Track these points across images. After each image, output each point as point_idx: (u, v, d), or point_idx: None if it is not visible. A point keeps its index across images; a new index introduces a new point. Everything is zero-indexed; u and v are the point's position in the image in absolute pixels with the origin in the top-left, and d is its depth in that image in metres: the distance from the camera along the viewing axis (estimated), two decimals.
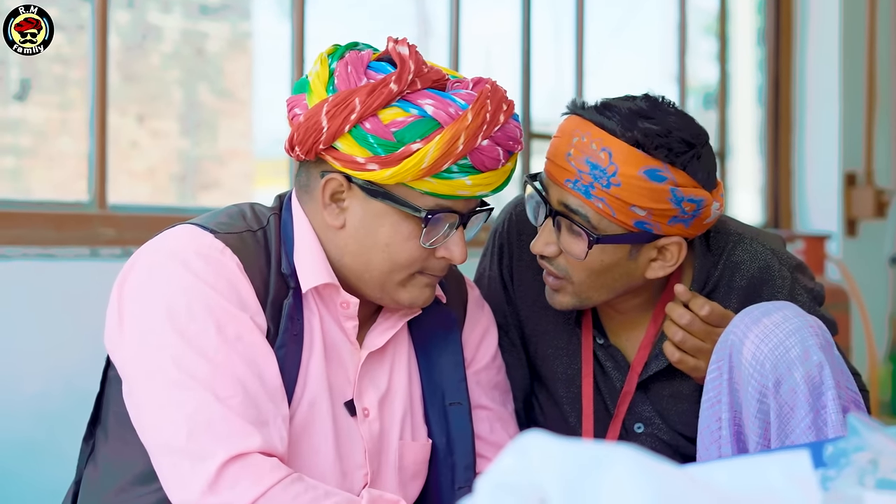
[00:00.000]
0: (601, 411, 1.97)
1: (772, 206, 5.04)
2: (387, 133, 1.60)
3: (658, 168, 1.74)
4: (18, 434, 2.44)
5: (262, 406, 1.56)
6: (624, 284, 1.86)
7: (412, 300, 1.72)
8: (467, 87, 1.67)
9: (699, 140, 1.79)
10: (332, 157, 1.63)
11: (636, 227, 1.77)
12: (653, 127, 1.75)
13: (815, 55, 4.98)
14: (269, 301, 1.64)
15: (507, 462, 0.96)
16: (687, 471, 1.05)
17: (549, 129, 4.20)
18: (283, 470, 1.54)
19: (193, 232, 1.64)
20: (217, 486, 1.50)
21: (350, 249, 1.68)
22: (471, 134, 1.61)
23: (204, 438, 1.52)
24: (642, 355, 1.93)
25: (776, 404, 1.69)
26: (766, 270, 1.90)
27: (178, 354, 1.55)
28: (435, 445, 1.79)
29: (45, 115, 3.33)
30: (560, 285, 1.86)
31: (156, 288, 1.60)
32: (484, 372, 1.89)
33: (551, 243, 1.82)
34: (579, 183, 1.76)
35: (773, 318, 1.71)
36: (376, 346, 1.75)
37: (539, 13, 4.14)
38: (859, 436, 1.13)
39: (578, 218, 1.78)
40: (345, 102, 1.60)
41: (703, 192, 1.78)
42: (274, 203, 1.77)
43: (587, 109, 1.80)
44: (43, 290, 2.52)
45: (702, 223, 1.81)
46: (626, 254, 1.81)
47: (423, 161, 1.59)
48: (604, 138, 1.75)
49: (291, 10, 3.30)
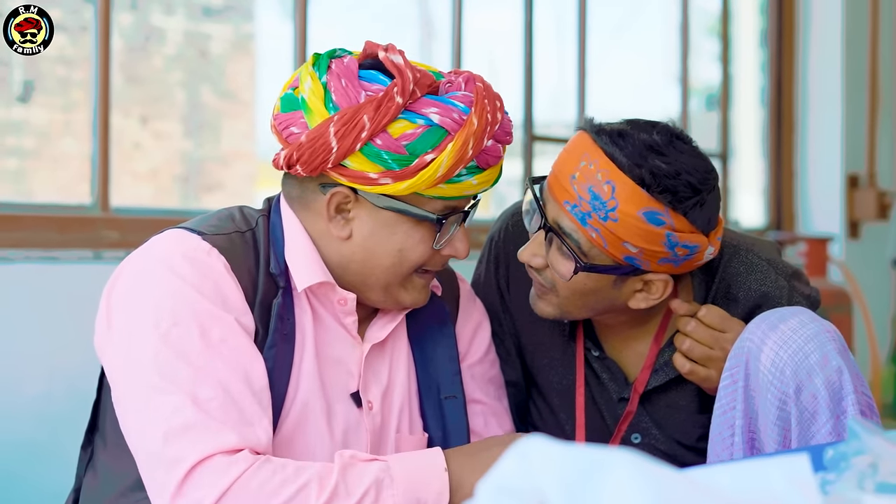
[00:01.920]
0: (597, 421, 1.97)
1: (774, 208, 5.04)
2: (399, 147, 1.60)
3: (658, 211, 1.72)
4: (21, 436, 2.44)
5: (246, 409, 1.56)
6: (605, 307, 1.86)
7: (415, 300, 1.75)
8: (460, 88, 1.68)
9: (706, 186, 1.76)
10: (339, 173, 1.63)
11: (625, 262, 1.76)
12: (662, 165, 1.72)
13: (817, 57, 4.98)
14: (258, 301, 1.64)
15: (507, 466, 0.96)
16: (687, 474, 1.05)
17: (550, 132, 4.21)
18: (250, 459, 1.52)
19: (180, 235, 1.65)
20: (183, 489, 1.50)
21: (357, 258, 1.69)
22: (478, 137, 1.63)
23: (179, 443, 1.52)
24: (644, 376, 1.93)
25: (797, 410, 1.68)
26: (763, 282, 1.90)
27: (160, 359, 1.55)
28: (431, 439, 1.80)
29: (48, 117, 3.34)
30: (544, 292, 1.86)
31: (142, 294, 1.60)
32: (478, 366, 1.89)
33: (539, 255, 1.82)
34: (577, 209, 1.75)
35: (789, 324, 1.70)
36: (378, 338, 1.76)
37: (541, 15, 4.14)
38: (859, 439, 1.14)
39: (570, 242, 1.77)
40: (353, 121, 1.59)
41: (699, 237, 1.76)
42: (263, 205, 1.78)
43: (601, 135, 1.76)
44: (46, 293, 2.53)
45: (692, 265, 1.81)
46: (611, 282, 1.81)
47: (439, 170, 1.61)
48: (610, 170, 1.73)
49: (294, 12, 3.30)
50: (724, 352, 1.81)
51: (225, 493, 1.49)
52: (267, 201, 1.78)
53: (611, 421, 1.97)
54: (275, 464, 1.53)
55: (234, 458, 1.51)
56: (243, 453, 1.53)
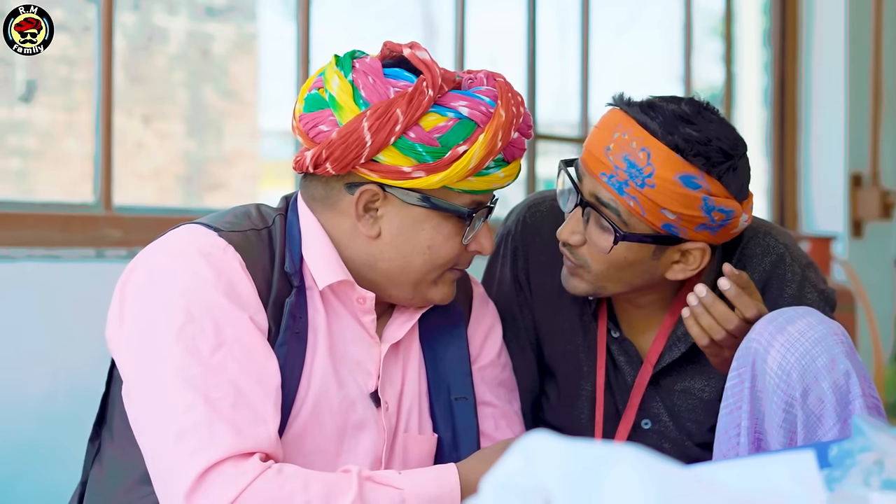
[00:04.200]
0: (610, 407, 1.98)
1: (777, 208, 5.03)
2: (432, 140, 1.62)
3: (694, 175, 1.75)
4: (24, 435, 2.44)
5: (257, 408, 1.56)
6: (642, 281, 1.87)
7: (443, 296, 1.76)
8: (482, 83, 1.70)
9: (737, 151, 1.80)
10: (370, 169, 1.64)
11: (663, 230, 1.78)
12: (694, 133, 1.76)
13: (820, 56, 4.97)
14: (272, 299, 1.64)
15: (511, 463, 0.96)
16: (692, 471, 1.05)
17: (553, 131, 4.21)
18: (259, 467, 1.52)
19: (197, 231, 1.65)
20: (194, 495, 1.50)
21: (386, 256, 1.70)
22: (506, 129, 1.65)
23: (189, 444, 1.51)
24: (657, 348, 1.94)
25: (803, 414, 1.68)
26: (777, 264, 1.91)
27: (173, 356, 1.55)
28: (440, 440, 1.80)
29: (50, 117, 3.34)
30: (576, 270, 1.86)
31: (157, 288, 1.60)
32: (489, 368, 1.89)
33: (577, 232, 1.84)
34: (614, 178, 1.77)
35: (797, 326, 1.70)
36: (396, 338, 1.76)
37: (544, 15, 4.14)
38: (864, 436, 1.13)
39: (609, 212, 1.79)
40: (386, 115, 1.61)
41: (734, 203, 1.79)
42: (280, 204, 1.77)
43: (632, 106, 1.81)
44: (48, 292, 2.52)
45: (728, 233, 1.83)
46: (650, 253, 1.82)
47: (471, 162, 1.63)
48: (644, 138, 1.76)
49: (297, 12, 3.30)
50: (729, 334, 1.78)
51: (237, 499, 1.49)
52: (284, 199, 1.78)
53: (623, 408, 1.97)
54: (285, 474, 1.53)
55: (243, 467, 1.51)
56: (253, 460, 1.52)
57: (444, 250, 1.70)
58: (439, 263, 1.71)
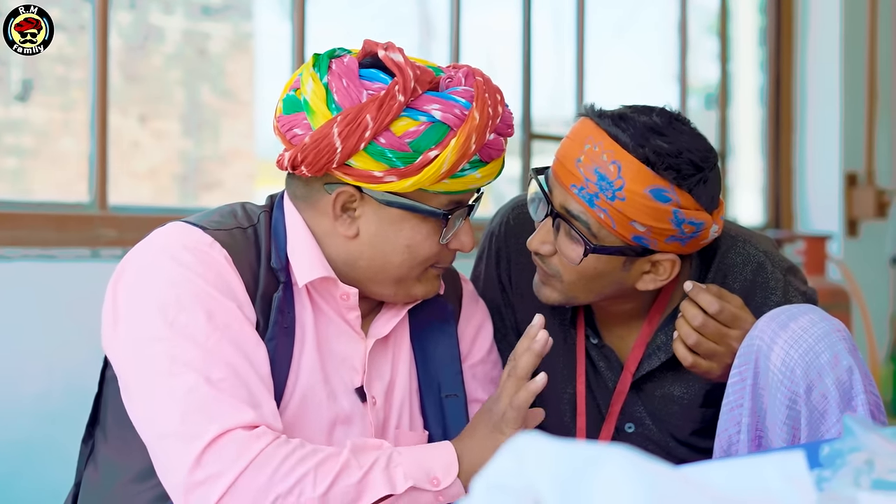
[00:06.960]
0: (593, 411, 1.98)
1: (773, 207, 5.04)
2: (402, 145, 1.61)
3: (664, 188, 1.74)
4: (20, 433, 2.44)
5: (253, 389, 1.58)
6: (613, 291, 1.87)
7: (427, 292, 1.76)
8: (460, 83, 1.69)
9: (708, 163, 1.78)
10: (344, 172, 1.64)
11: (633, 241, 1.78)
12: (664, 145, 1.75)
13: (816, 55, 4.98)
14: (259, 295, 1.65)
15: (501, 463, 0.96)
16: (682, 471, 1.05)
17: (548, 130, 4.20)
18: (271, 434, 1.55)
19: (182, 228, 1.66)
20: (203, 460, 1.51)
21: (366, 255, 1.70)
22: (480, 132, 1.64)
23: (196, 418, 1.53)
24: (636, 355, 1.94)
25: (807, 410, 1.68)
26: (758, 273, 1.90)
27: (169, 345, 1.57)
28: (431, 437, 1.80)
29: (46, 116, 3.34)
30: (548, 279, 1.87)
31: (147, 284, 1.61)
32: (480, 366, 1.90)
33: (547, 242, 1.83)
34: (584, 191, 1.76)
35: (800, 323, 1.70)
36: (382, 333, 1.77)
37: (540, 14, 4.14)
38: (855, 436, 1.14)
39: (579, 224, 1.78)
40: (356, 121, 1.60)
41: (704, 214, 1.78)
42: (265, 202, 1.79)
43: (603, 118, 1.79)
44: (44, 291, 2.53)
45: (698, 243, 1.82)
46: (621, 264, 1.82)
47: (443, 166, 1.62)
48: (615, 151, 1.75)
49: (292, 11, 3.30)
50: (729, 348, 1.80)
51: (248, 467, 1.51)
52: (270, 198, 1.79)
53: (606, 411, 1.97)
54: (293, 442, 1.56)
55: (254, 433, 1.53)
56: (262, 428, 1.55)
57: (423, 249, 1.70)
58: (419, 262, 1.71)
